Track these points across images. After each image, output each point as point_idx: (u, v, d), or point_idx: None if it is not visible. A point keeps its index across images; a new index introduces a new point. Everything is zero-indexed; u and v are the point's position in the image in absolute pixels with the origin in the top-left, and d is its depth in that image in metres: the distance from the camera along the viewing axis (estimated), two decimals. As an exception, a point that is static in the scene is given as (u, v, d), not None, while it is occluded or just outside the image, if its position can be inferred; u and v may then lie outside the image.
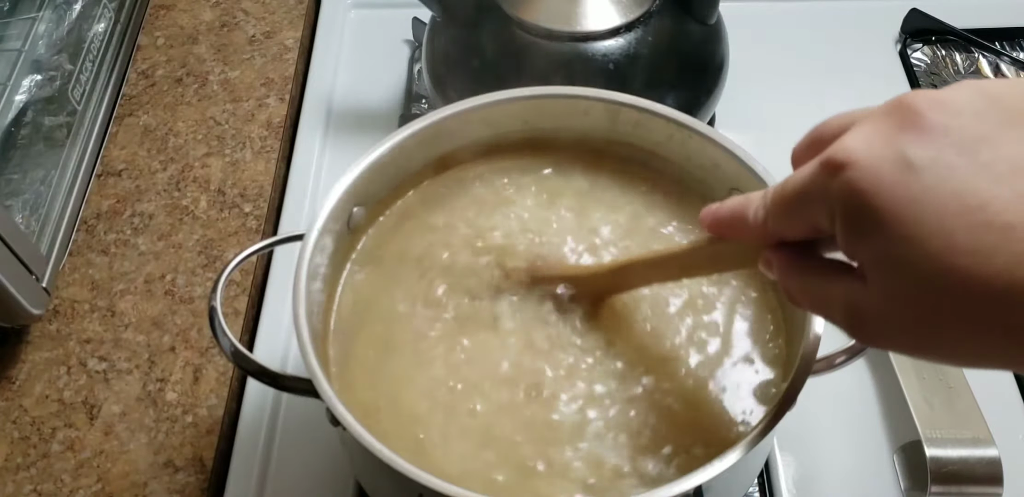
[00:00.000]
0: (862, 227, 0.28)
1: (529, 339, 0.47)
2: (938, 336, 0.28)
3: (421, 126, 0.50)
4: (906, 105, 0.29)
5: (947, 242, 0.26)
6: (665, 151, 0.52)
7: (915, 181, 0.27)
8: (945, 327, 0.28)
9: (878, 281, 0.29)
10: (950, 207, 0.26)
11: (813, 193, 0.30)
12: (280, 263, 0.66)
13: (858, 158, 0.28)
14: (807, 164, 0.31)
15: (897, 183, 0.27)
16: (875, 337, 0.30)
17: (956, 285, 0.27)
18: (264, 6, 0.81)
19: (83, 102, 0.67)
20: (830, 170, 0.29)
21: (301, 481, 0.56)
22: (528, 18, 0.62)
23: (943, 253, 0.26)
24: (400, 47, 0.79)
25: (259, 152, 0.71)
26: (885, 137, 0.28)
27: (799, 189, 0.31)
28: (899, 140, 0.28)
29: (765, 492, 0.55)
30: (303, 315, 0.43)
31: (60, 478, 0.55)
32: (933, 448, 0.53)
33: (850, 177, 0.28)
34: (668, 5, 0.63)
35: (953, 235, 0.26)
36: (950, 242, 0.26)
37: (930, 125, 0.28)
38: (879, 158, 0.28)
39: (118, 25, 0.73)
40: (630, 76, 0.62)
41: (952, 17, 0.78)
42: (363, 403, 0.46)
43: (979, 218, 0.26)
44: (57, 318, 0.62)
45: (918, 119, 0.28)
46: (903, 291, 0.28)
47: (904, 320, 0.29)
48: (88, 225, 0.66)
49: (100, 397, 0.58)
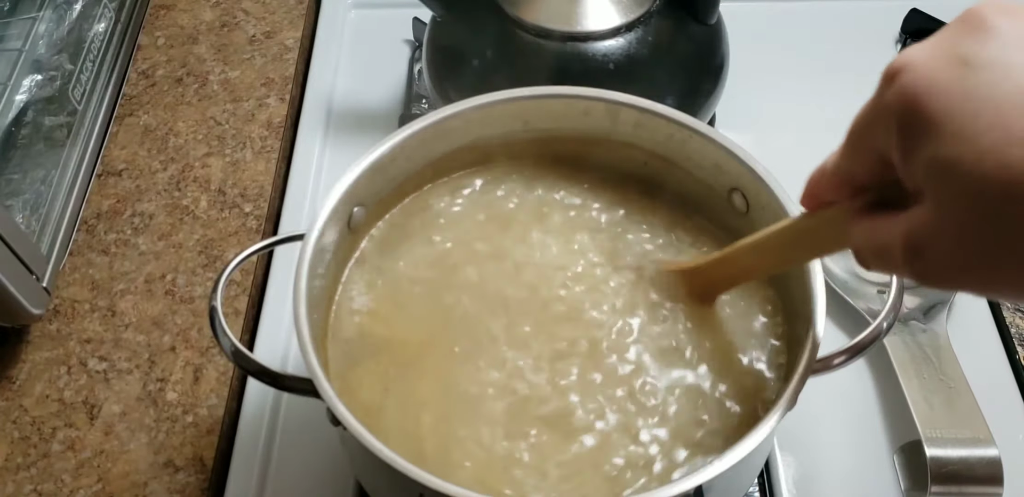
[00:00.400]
0: (916, 131, 0.27)
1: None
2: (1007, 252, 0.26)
3: (421, 126, 0.50)
4: (972, 13, 0.28)
5: (1005, 135, 0.25)
6: (665, 151, 0.52)
7: (971, 76, 0.26)
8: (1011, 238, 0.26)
9: (934, 195, 0.27)
10: (1010, 100, 0.26)
11: (873, 111, 0.29)
12: (280, 263, 0.66)
13: (913, 60, 0.28)
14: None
15: (952, 80, 0.27)
16: (941, 269, 0.28)
17: (1015, 181, 0.25)
18: (264, 6, 0.81)
19: (83, 102, 0.67)
20: (887, 80, 0.28)
21: (301, 481, 0.56)
22: (528, 18, 0.62)
23: (1000, 146, 0.25)
24: (400, 47, 0.79)
25: (259, 152, 0.71)
26: (945, 42, 0.28)
27: (861, 114, 0.30)
28: (958, 42, 0.27)
29: (765, 492, 0.55)
30: (303, 315, 0.43)
31: (60, 478, 0.55)
32: (933, 448, 0.53)
33: (905, 80, 0.27)
34: (668, 5, 0.63)
35: (1011, 128, 0.25)
36: (1008, 134, 0.25)
37: (992, 27, 0.27)
38: (935, 59, 0.27)
39: (118, 25, 0.73)
40: (630, 76, 0.62)
41: (952, 17, 0.77)
42: (364, 403, 0.46)
43: None
44: (57, 318, 0.62)
45: (980, 23, 0.28)
46: (961, 201, 0.26)
47: (966, 238, 0.27)
48: (88, 225, 0.66)
49: (100, 397, 0.58)
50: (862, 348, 0.44)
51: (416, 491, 0.39)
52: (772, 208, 0.47)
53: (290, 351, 0.61)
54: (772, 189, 0.47)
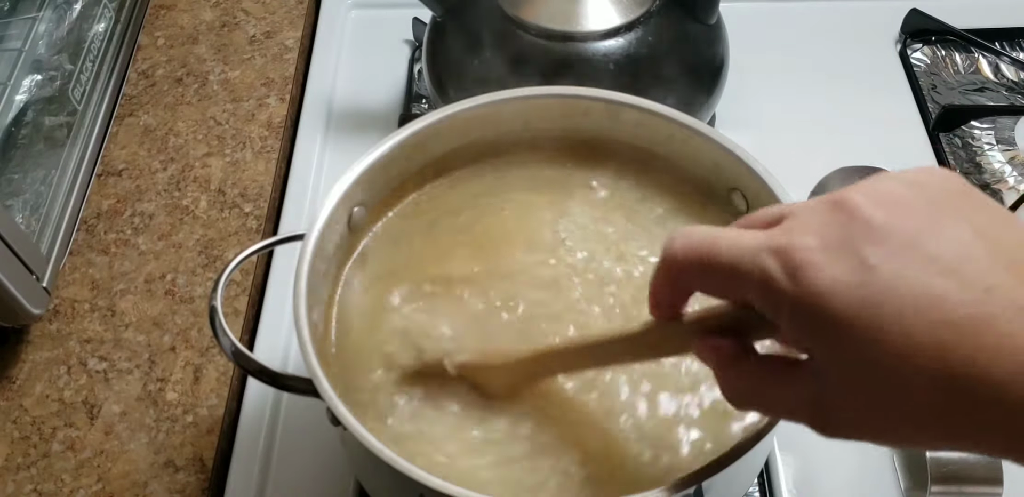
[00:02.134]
0: (819, 329, 0.28)
1: None
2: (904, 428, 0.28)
3: (421, 126, 0.50)
4: (850, 202, 0.29)
5: (907, 342, 0.27)
6: (665, 151, 0.52)
7: (873, 283, 0.27)
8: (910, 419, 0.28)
9: (839, 380, 0.29)
10: (908, 307, 0.27)
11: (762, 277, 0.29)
12: (280, 263, 0.66)
13: (816, 260, 0.28)
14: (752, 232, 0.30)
15: (856, 286, 0.27)
16: (842, 433, 0.30)
17: (920, 383, 0.27)
18: (264, 6, 0.81)
19: (83, 102, 0.67)
20: (786, 267, 0.28)
21: (301, 481, 0.56)
22: (528, 18, 0.62)
23: (905, 353, 0.27)
24: (400, 47, 0.79)
25: (259, 152, 0.71)
26: (840, 236, 0.28)
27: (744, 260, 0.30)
28: (853, 240, 0.28)
29: (765, 492, 0.55)
30: (303, 315, 0.43)
31: (60, 478, 0.55)
32: (933, 448, 0.53)
33: (809, 280, 0.28)
34: (668, 5, 0.63)
35: (913, 335, 0.26)
36: (910, 342, 0.27)
37: (878, 223, 0.28)
38: (836, 260, 0.28)
39: (118, 25, 0.73)
40: (630, 76, 0.62)
41: (952, 17, 0.78)
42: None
43: (936, 316, 0.26)
44: (57, 318, 0.62)
45: (865, 217, 0.28)
46: (867, 389, 0.28)
47: (870, 416, 0.29)
48: (88, 225, 0.66)
49: (100, 397, 0.58)
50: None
51: (416, 491, 0.39)
52: (772, 208, 0.47)
53: (290, 351, 0.61)
54: (772, 189, 0.47)
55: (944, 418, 0.27)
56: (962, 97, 0.75)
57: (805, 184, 0.65)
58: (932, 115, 0.73)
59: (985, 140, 0.72)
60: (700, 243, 0.31)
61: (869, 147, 0.68)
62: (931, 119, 0.72)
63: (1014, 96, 0.75)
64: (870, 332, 0.27)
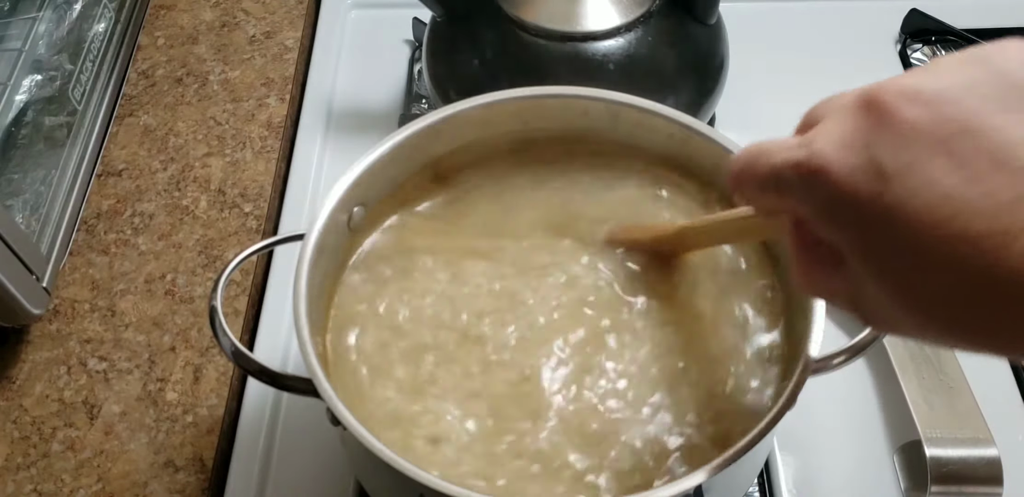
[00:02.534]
0: (839, 228, 0.29)
1: None
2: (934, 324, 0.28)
3: (421, 126, 0.50)
4: (877, 102, 0.27)
5: (919, 254, 0.26)
6: (665, 151, 0.52)
7: (887, 192, 0.26)
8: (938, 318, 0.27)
9: (870, 277, 0.29)
10: (923, 220, 0.26)
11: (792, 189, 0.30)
12: (280, 263, 0.66)
13: (830, 165, 0.28)
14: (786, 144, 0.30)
15: (870, 195, 0.27)
16: (883, 326, 0.30)
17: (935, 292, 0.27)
18: (264, 6, 0.81)
19: (83, 102, 0.67)
20: (804, 175, 0.29)
21: (301, 481, 0.56)
22: (528, 18, 0.62)
23: (917, 264, 0.26)
24: (400, 47, 0.79)
25: (259, 152, 0.71)
26: (857, 141, 0.27)
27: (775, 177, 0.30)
28: (871, 144, 0.27)
29: (765, 492, 0.55)
30: (303, 315, 0.43)
31: (60, 478, 0.55)
32: (933, 448, 0.53)
33: (826, 188, 0.28)
34: (668, 5, 0.63)
35: (926, 250, 0.26)
36: (922, 255, 0.26)
37: (903, 123, 0.26)
38: (851, 166, 0.27)
39: (118, 25, 0.73)
40: (630, 76, 0.62)
41: (952, 17, 0.78)
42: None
43: (951, 231, 0.25)
44: (57, 318, 0.62)
45: (890, 118, 0.27)
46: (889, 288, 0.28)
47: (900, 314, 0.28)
48: (88, 225, 0.66)
49: (100, 397, 0.58)
50: (862, 348, 0.44)
51: (416, 491, 0.39)
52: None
53: (290, 351, 0.61)
54: (772, 189, 0.47)
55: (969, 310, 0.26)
56: (962, 97, 0.75)
57: (805, 184, 0.64)
58: (932, 115, 0.73)
59: (985, 140, 0.72)
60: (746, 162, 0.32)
61: (869, 147, 0.68)
62: (931, 119, 0.72)
63: (1014, 96, 0.75)
64: (884, 240, 0.27)
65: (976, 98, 0.26)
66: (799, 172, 0.29)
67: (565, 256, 0.51)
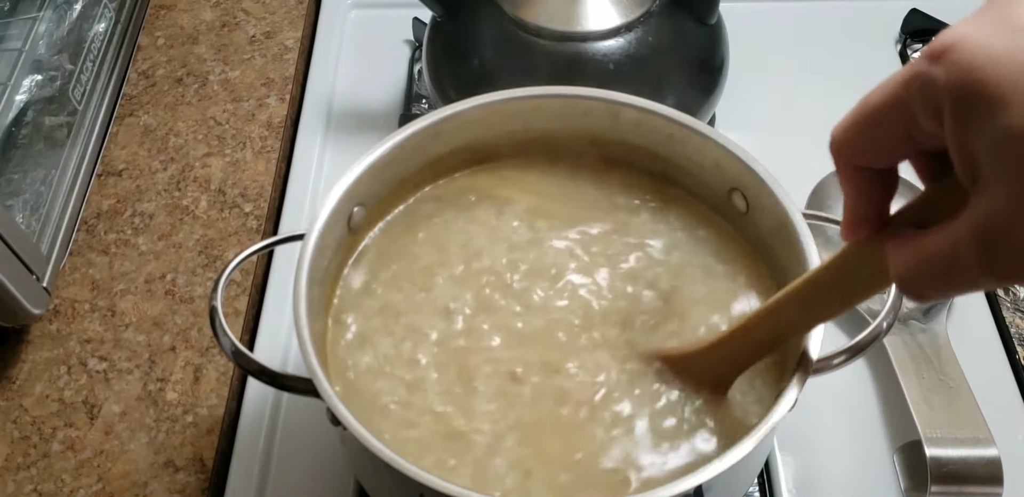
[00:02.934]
0: (978, 106, 0.25)
1: None
2: None
3: (421, 126, 0.50)
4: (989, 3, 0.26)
5: None
6: (665, 151, 0.52)
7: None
8: None
9: (1005, 174, 0.25)
10: None
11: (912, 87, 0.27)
12: (280, 263, 0.66)
13: (964, 36, 0.26)
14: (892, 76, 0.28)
15: (1011, 51, 0.25)
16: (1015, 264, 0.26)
17: None
18: (264, 6, 0.81)
19: (83, 102, 0.67)
20: (935, 56, 0.26)
21: (301, 481, 0.56)
22: (528, 18, 0.62)
23: None
24: (400, 47, 0.79)
25: (259, 152, 0.71)
26: (991, 14, 0.26)
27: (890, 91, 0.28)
28: (1006, 13, 0.26)
29: (765, 492, 0.55)
30: (303, 315, 0.43)
31: (60, 478, 0.55)
32: (933, 448, 0.53)
33: (958, 57, 0.25)
34: (668, 5, 0.63)
35: None
36: None
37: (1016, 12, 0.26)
38: (987, 30, 0.26)
39: (118, 25, 0.73)
40: (630, 76, 0.62)
41: (952, 17, 0.78)
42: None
43: None
44: (57, 318, 0.62)
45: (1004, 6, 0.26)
46: None
47: None
48: (88, 225, 0.66)
49: (100, 397, 0.58)
50: (862, 348, 0.44)
51: (416, 491, 0.39)
52: (772, 208, 0.47)
53: (290, 351, 0.61)
54: (772, 189, 0.47)
55: None
56: (962, 97, 0.75)
57: (805, 184, 0.65)
58: (932, 115, 0.73)
59: (985, 140, 0.72)
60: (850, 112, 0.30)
61: (869, 147, 0.68)
62: (931, 119, 0.72)
63: (1014, 96, 0.75)
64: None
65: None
66: (930, 55, 0.26)
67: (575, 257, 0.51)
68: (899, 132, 0.29)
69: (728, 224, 0.52)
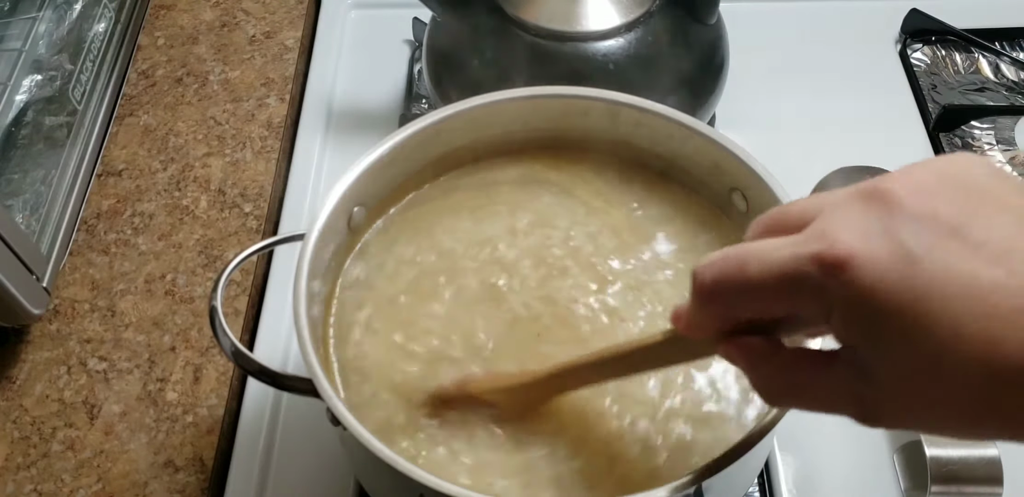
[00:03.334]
0: (868, 326, 0.27)
1: None
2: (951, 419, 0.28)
3: (421, 126, 0.50)
4: (884, 191, 0.28)
5: (956, 333, 0.26)
6: (665, 151, 0.52)
7: (919, 273, 0.26)
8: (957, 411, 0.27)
9: (887, 374, 0.28)
10: (956, 298, 0.26)
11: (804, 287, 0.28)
12: (280, 263, 0.66)
13: (858, 255, 0.27)
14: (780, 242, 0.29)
15: (902, 278, 0.26)
16: (886, 423, 0.29)
17: (967, 374, 0.26)
18: (264, 6, 0.81)
19: (83, 102, 0.67)
20: (828, 269, 0.27)
21: (301, 481, 0.56)
22: (528, 18, 0.62)
23: (953, 343, 0.26)
24: (400, 47, 0.79)
25: (259, 152, 0.71)
26: (878, 227, 0.27)
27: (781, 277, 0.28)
28: (894, 229, 0.27)
29: (765, 492, 0.55)
30: (303, 315, 0.43)
31: (60, 478, 0.55)
32: (933, 448, 0.53)
33: (853, 277, 0.27)
34: (668, 5, 0.63)
35: (961, 326, 0.26)
36: (959, 332, 0.26)
37: (919, 211, 0.27)
38: (879, 252, 0.27)
39: (118, 25, 0.73)
40: (630, 76, 0.62)
41: (952, 17, 0.78)
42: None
43: (985, 306, 0.26)
44: (57, 318, 0.62)
45: (904, 205, 0.27)
46: (914, 383, 0.27)
47: (916, 408, 0.28)
48: (88, 225, 0.66)
49: (100, 397, 0.58)
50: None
51: (416, 491, 0.39)
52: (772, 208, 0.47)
53: (290, 351, 0.61)
54: (772, 189, 0.47)
55: (994, 411, 0.26)
56: (962, 97, 0.75)
57: (805, 184, 0.65)
58: (932, 115, 0.73)
59: (985, 140, 0.72)
60: (728, 269, 0.30)
61: (869, 147, 0.68)
62: (931, 119, 0.72)
63: (1014, 96, 0.75)
64: (918, 325, 0.26)
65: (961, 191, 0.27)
66: (821, 263, 0.27)
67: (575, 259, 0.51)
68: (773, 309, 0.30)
69: (729, 225, 0.52)
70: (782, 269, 0.28)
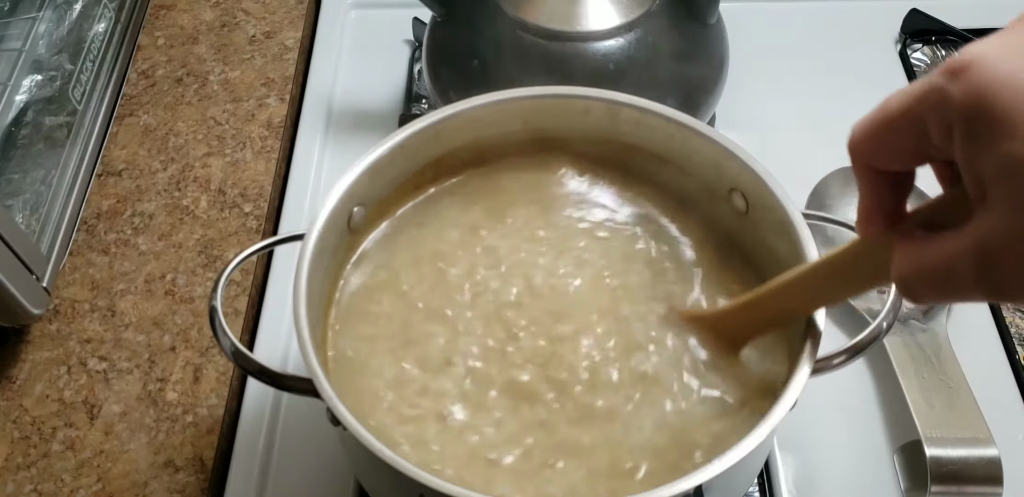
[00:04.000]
0: (988, 129, 0.26)
1: None
2: None
3: (421, 126, 0.50)
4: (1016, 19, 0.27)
5: None
6: (665, 151, 0.52)
7: None
8: None
9: (1008, 196, 0.26)
10: None
11: (927, 102, 0.27)
12: (280, 263, 0.66)
13: (984, 55, 0.26)
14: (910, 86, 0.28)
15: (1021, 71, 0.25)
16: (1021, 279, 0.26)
17: None
18: (264, 6, 0.81)
19: (83, 102, 0.67)
20: (952, 74, 0.26)
21: (301, 481, 0.56)
22: (528, 18, 0.62)
23: None
24: (400, 47, 0.79)
25: (259, 152, 0.71)
26: (1014, 36, 0.26)
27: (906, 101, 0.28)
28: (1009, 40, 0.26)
29: (765, 492, 0.55)
30: (303, 315, 0.43)
31: (60, 478, 0.55)
32: (933, 448, 0.53)
33: (973, 75, 0.26)
34: (668, 5, 0.63)
35: None
36: None
37: None
38: (1007, 53, 0.26)
39: (118, 25, 0.73)
40: (630, 76, 0.62)
41: (952, 17, 0.78)
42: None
43: None
44: (57, 318, 0.62)
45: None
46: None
47: None
48: (88, 225, 0.66)
49: (100, 397, 0.58)
50: (862, 348, 0.44)
51: (416, 491, 0.39)
52: (772, 208, 0.47)
53: (290, 351, 0.61)
54: (772, 189, 0.47)
55: None
56: (962, 97, 0.75)
57: (805, 184, 0.65)
58: (932, 115, 0.73)
59: (985, 140, 0.72)
60: (870, 114, 0.30)
61: (869, 147, 0.68)
62: (931, 119, 0.72)
63: (1014, 96, 0.75)
64: None
65: None
66: (948, 69, 0.26)
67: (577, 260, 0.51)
68: (910, 143, 0.29)
69: (730, 227, 0.52)
70: (912, 93, 0.28)
